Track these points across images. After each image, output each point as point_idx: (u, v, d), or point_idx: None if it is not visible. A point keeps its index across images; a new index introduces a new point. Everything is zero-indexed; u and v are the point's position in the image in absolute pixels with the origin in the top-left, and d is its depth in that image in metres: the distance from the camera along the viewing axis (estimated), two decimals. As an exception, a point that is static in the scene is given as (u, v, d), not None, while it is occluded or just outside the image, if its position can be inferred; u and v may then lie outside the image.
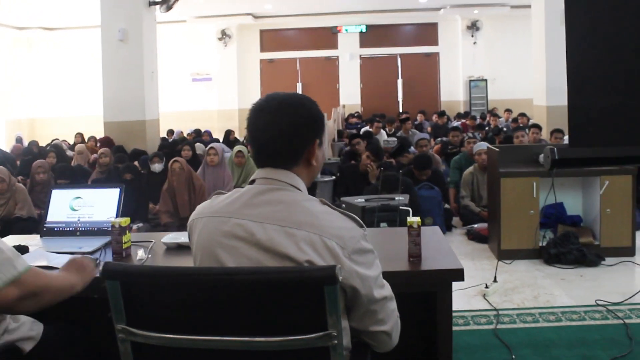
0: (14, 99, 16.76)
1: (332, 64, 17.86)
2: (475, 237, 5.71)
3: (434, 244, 2.35)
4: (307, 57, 17.78)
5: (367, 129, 10.47)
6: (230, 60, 17.22)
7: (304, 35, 17.80)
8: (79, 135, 12.27)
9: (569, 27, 1.48)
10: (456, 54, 17.00)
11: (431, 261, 2.17)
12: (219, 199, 1.60)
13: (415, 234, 2.15)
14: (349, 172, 6.47)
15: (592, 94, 1.50)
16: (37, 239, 2.72)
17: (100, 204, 2.79)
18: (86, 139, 11.55)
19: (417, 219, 2.17)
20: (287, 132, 1.53)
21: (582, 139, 1.52)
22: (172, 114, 14.75)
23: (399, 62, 17.73)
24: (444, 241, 2.45)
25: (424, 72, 17.66)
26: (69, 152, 9.82)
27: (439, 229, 2.67)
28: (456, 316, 3.66)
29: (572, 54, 1.50)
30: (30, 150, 9.98)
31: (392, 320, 1.58)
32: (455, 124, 11.72)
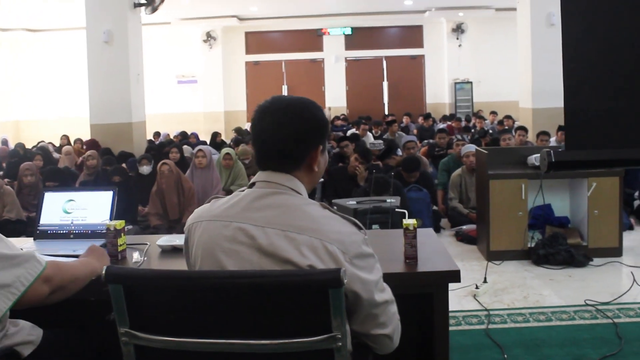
0: (-2, 101, 16.62)
1: (318, 67, 17.88)
2: (463, 238, 5.75)
3: (428, 245, 2.36)
4: (293, 59, 17.78)
5: (354, 131, 10.49)
6: (215, 62, 17.17)
7: (290, 37, 17.81)
8: (65, 137, 12.17)
9: (565, 31, 1.50)
10: (441, 57, 17.10)
11: (427, 263, 2.18)
12: (219, 203, 1.59)
13: (411, 236, 2.16)
14: (338, 174, 6.48)
15: (589, 97, 1.52)
16: (30, 241, 2.70)
17: (93, 207, 2.77)
18: (72, 141, 11.47)
19: (413, 221, 2.19)
20: (291, 136, 1.53)
21: (578, 141, 1.54)
22: (158, 116, 14.69)
23: (385, 64, 17.79)
24: (439, 243, 2.47)
25: (410, 75, 17.74)
26: (55, 155, 9.74)
27: (432, 231, 2.69)
28: (448, 317, 3.69)
29: (568, 57, 1.52)
30: (16, 152, 9.88)
31: (393, 323, 1.59)
32: (441, 127, 11.78)
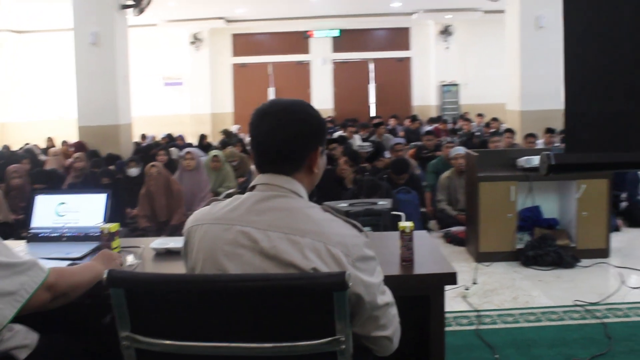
0: (-17, 102, 16.44)
1: (305, 69, 17.87)
2: (452, 240, 5.79)
3: (423, 248, 2.37)
4: (280, 61, 17.75)
5: (341, 133, 10.50)
6: (202, 64, 17.10)
7: (277, 39, 17.78)
8: (50, 139, 12.07)
9: (566, 34, 1.52)
10: (428, 59, 17.14)
11: (423, 265, 2.19)
12: (219, 206, 1.59)
13: (407, 239, 2.18)
14: (326, 177, 6.40)
15: (589, 100, 1.54)
16: (22, 244, 2.68)
17: (86, 210, 2.75)
18: (57, 143, 11.37)
19: (410, 224, 2.20)
20: (291, 138, 1.53)
21: (578, 144, 1.56)
22: (144, 119, 14.61)
23: (372, 66, 17.82)
24: (433, 245, 2.48)
25: (396, 77, 17.78)
26: (41, 157, 9.66)
27: (426, 233, 2.70)
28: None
29: (569, 61, 1.54)
30: (2, 154, 9.78)
31: (393, 325, 1.59)
32: (428, 129, 11.83)
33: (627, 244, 5.45)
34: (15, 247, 2.55)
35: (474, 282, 4.48)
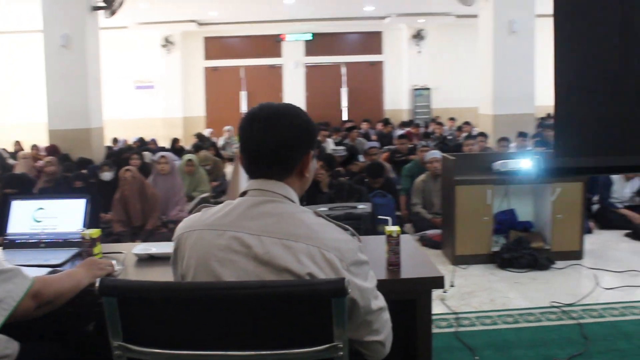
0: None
1: (277, 72, 17.84)
2: (427, 243, 5.83)
3: (409, 252, 2.38)
4: (252, 65, 17.69)
5: (315, 137, 10.48)
6: (174, 67, 16.95)
7: (249, 43, 17.72)
8: (18, 143, 11.84)
9: (557, 42, 1.54)
10: (401, 63, 17.26)
11: (410, 269, 2.20)
12: (210, 212, 1.57)
13: (394, 243, 2.18)
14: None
15: (578, 105, 1.56)
16: (-1, 251, 2.62)
17: (64, 215, 2.70)
18: (25, 147, 11.15)
19: (397, 228, 2.20)
20: (283, 143, 1.53)
21: (567, 148, 1.59)
22: (115, 122, 14.40)
23: (344, 70, 17.88)
24: (418, 249, 2.49)
25: (369, 81, 17.86)
26: (9, 161, 9.46)
27: (410, 237, 2.71)
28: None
29: (559, 67, 1.56)
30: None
31: (386, 330, 1.60)
32: (400, 133, 11.90)
33: (599, 246, 5.55)
34: (-8, 254, 2.50)
35: (452, 285, 4.52)
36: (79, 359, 2.00)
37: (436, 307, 4.13)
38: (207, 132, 14.45)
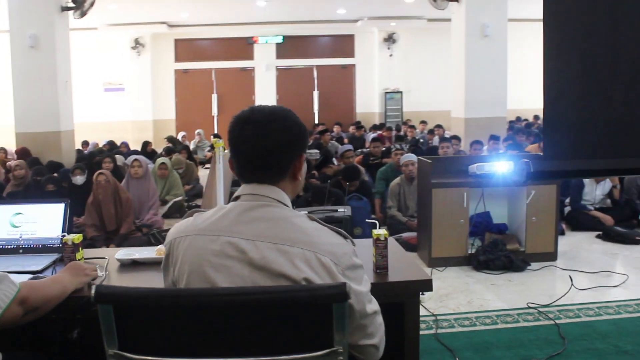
0: None
1: (248, 75, 17.77)
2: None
3: (395, 255, 2.39)
4: (223, 67, 17.59)
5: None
6: (144, 70, 16.75)
7: (220, 45, 17.63)
8: (-17, 146, 11.54)
9: (546, 46, 1.56)
10: (372, 66, 17.36)
11: (397, 272, 2.21)
12: (203, 217, 1.55)
13: (382, 246, 2.18)
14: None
15: (566, 109, 1.59)
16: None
17: (44, 220, 2.65)
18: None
19: (384, 231, 2.21)
20: (276, 146, 1.51)
21: (555, 152, 1.61)
22: (85, 125, 14.15)
23: (315, 73, 17.90)
24: (404, 252, 2.50)
25: (340, 84, 17.92)
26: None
27: (394, 240, 2.72)
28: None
29: (549, 72, 1.59)
30: None
31: (379, 333, 1.59)
32: (372, 136, 11.95)
33: (572, 247, 5.65)
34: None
35: (429, 287, 4.54)
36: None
37: (415, 310, 4.15)
38: (180, 135, 14.31)
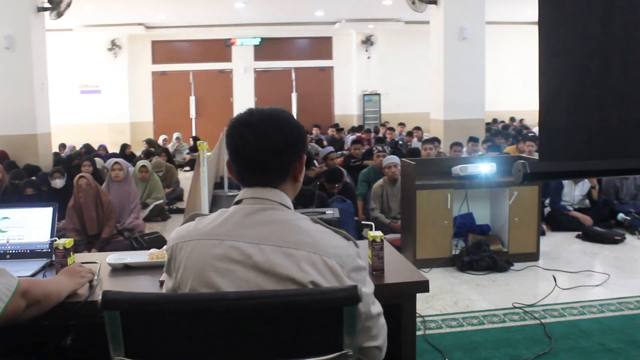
0: None
1: (226, 77, 17.69)
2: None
3: (389, 256, 2.39)
4: (201, 69, 17.47)
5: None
6: (120, 71, 16.56)
7: (198, 47, 17.51)
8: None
9: (542, 48, 1.59)
10: (350, 68, 17.40)
11: (393, 274, 2.21)
12: (205, 221, 1.53)
13: (378, 248, 2.19)
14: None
15: (562, 110, 1.61)
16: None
17: (31, 225, 2.59)
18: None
19: (380, 233, 2.22)
20: (277, 148, 1.51)
21: (551, 153, 1.63)
22: (61, 127, 13.98)
23: (294, 75, 17.88)
24: (397, 254, 2.50)
25: (318, 86, 17.92)
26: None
27: (387, 242, 2.72)
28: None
29: (544, 73, 1.61)
30: None
31: (383, 334, 1.60)
32: (352, 138, 11.97)
33: (553, 248, 5.73)
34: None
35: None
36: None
37: (401, 311, 4.16)
38: (161, 138, 14.16)
